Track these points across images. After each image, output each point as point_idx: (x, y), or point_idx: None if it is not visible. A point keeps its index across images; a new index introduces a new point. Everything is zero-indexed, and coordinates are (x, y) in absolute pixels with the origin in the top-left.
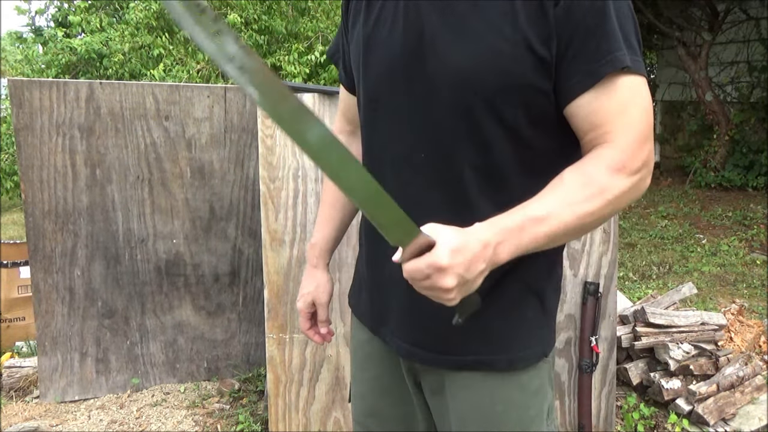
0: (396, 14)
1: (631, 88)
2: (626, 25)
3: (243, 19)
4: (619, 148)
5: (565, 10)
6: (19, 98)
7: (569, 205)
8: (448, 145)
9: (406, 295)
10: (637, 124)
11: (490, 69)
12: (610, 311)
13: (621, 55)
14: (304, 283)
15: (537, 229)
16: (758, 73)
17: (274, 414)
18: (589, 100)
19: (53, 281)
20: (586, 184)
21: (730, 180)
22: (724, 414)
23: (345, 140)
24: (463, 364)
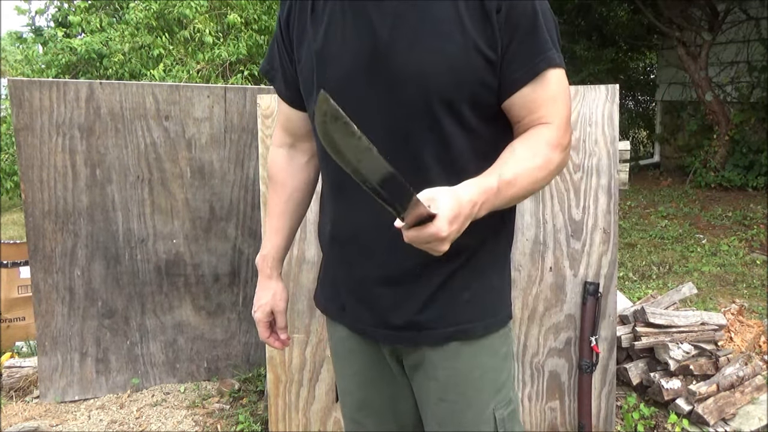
0: (345, 29)
1: (558, 80)
2: (551, 25)
3: (243, 19)
4: (555, 127)
5: (505, 16)
6: (19, 98)
7: (526, 171)
8: (412, 144)
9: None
10: (564, 110)
11: (445, 71)
12: (610, 311)
13: (552, 54)
14: (260, 294)
15: (507, 191)
16: (758, 73)
17: (274, 414)
18: (528, 92)
19: (53, 281)
20: (536, 155)
21: (730, 180)
22: (724, 414)
23: (286, 153)
24: (444, 335)
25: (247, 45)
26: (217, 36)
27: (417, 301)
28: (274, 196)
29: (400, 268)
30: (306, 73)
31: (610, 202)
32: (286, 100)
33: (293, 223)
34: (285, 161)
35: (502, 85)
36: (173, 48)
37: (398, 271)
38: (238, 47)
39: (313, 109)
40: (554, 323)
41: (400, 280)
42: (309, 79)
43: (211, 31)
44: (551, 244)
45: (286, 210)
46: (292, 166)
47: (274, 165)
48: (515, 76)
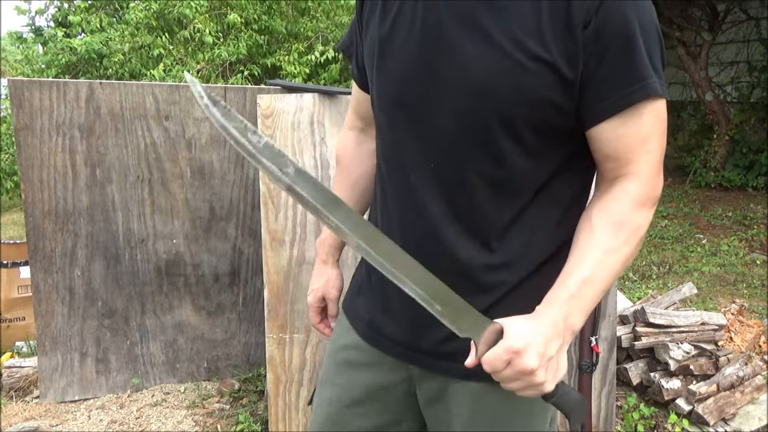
0: (414, 18)
1: (655, 114)
2: (653, 47)
3: (243, 19)
4: (642, 182)
5: (594, 32)
6: (19, 98)
7: (610, 253)
8: (459, 157)
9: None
10: (656, 154)
11: (510, 85)
12: (610, 311)
13: (652, 82)
14: (314, 278)
15: (593, 288)
16: (758, 73)
17: (274, 414)
18: (616, 126)
19: (53, 281)
20: (620, 228)
21: (730, 180)
22: (724, 414)
23: (356, 137)
24: (468, 372)
25: (247, 45)
26: (217, 36)
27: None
28: (339, 181)
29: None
30: (369, 58)
31: None
32: (356, 81)
33: (357, 210)
34: (353, 145)
35: (584, 111)
36: (173, 48)
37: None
38: (238, 47)
39: (373, 97)
40: None
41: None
42: (371, 66)
43: (211, 31)
44: None
45: (351, 196)
46: (360, 151)
47: (341, 147)
48: (602, 105)
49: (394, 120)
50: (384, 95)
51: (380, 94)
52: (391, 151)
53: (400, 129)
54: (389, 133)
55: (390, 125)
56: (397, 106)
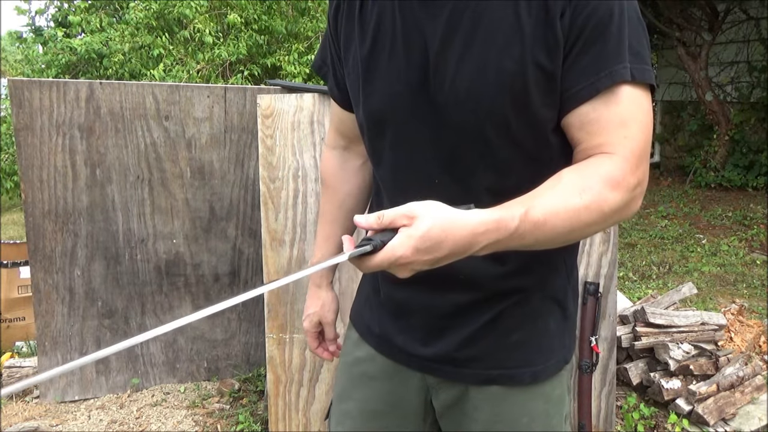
0: (395, 36)
1: (632, 100)
2: (633, 31)
3: (243, 19)
4: (618, 163)
5: (569, 19)
6: (19, 98)
7: (566, 211)
8: (463, 170)
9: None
10: (636, 140)
11: (500, 90)
12: (610, 311)
13: (621, 68)
14: (309, 303)
15: (531, 233)
16: (758, 73)
17: (274, 414)
18: (587, 110)
19: (53, 281)
20: (583, 191)
21: (730, 180)
22: (724, 414)
23: (339, 156)
24: (488, 378)
25: (247, 45)
26: (217, 36)
27: (457, 337)
28: (326, 202)
29: (444, 298)
30: (353, 80)
31: None
32: (337, 101)
33: (345, 230)
34: (337, 165)
35: (560, 100)
36: (173, 48)
37: (441, 301)
38: (238, 47)
39: (361, 118)
40: None
41: (442, 311)
42: (355, 87)
43: (211, 31)
44: None
45: (338, 217)
46: (345, 170)
47: (326, 168)
48: (573, 91)
49: (390, 140)
50: (375, 116)
51: (371, 116)
52: (391, 172)
53: (396, 149)
54: (387, 155)
55: (386, 146)
56: (391, 126)
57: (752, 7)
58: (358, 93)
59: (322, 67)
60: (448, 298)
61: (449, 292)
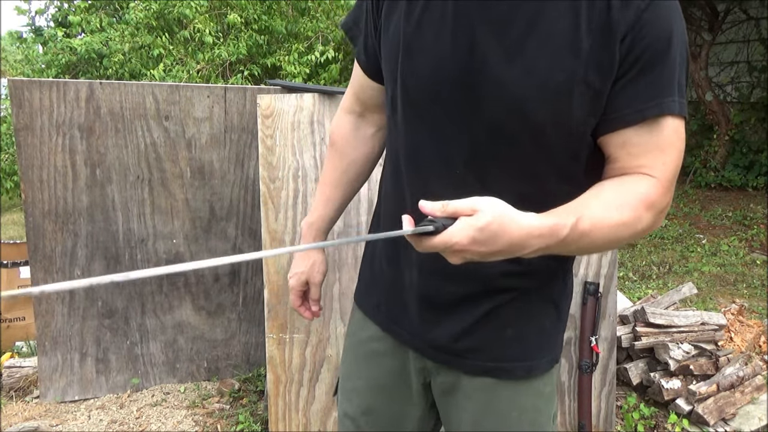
0: (443, 19)
1: (674, 131)
2: (681, 66)
3: (243, 19)
4: (655, 185)
5: (630, 44)
6: (19, 98)
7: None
8: (485, 167)
9: (428, 304)
10: (673, 167)
11: (544, 100)
12: (610, 311)
13: (671, 101)
14: (298, 261)
15: (577, 242)
16: (758, 73)
17: (274, 414)
18: (631, 134)
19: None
20: (624, 208)
21: (730, 180)
22: (724, 414)
23: (353, 121)
24: (483, 369)
25: (247, 45)
26: (217, 36)
27: (456, 326)
28: (331, 164)
29: (446, 287)
30: (391, 54)
31: None
32: (362, 66)
33: (346, 195)
34: (349, 129)
35: (602, 118)
36: (173, 48)
37: (444, 290)
38: (238, 47)
39: (395, 92)
40: None
41: (444, 299)
42: (393, 62)
43: (211, 31)
44: None
45: (341, 181)
46: (356, 136)
47: (337, 130)
48: (619, 114)
49: (420, 121)
50: (411, 95)
51: (407, 93)
52: (414, 152)
53: (426, 131)
54: (411, 133)
55: (414, 125)
56: (424, 108)
57: (752, 7)
58: (396, 66)
59: (352, 28)
60: (451, 287)
61: (453, 282)
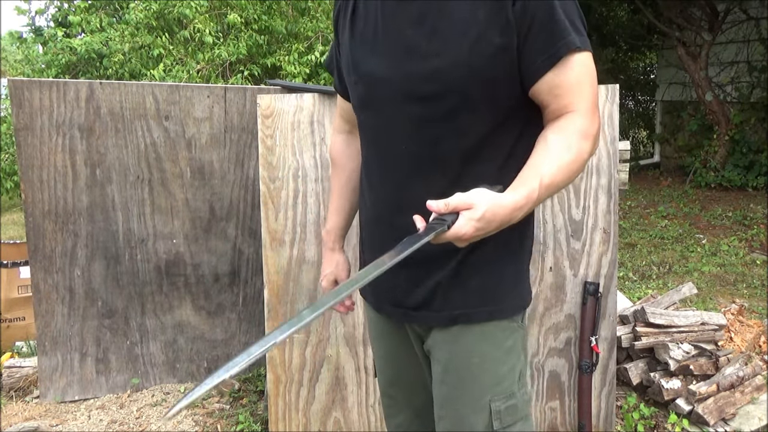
0: (376, 31)
1: (582, 63)
2: (571, 12)
3: (243, 19)
4: (582, 116)
5: (521, 7)
6: (19, 98)
7: (563, 168)
8: (429, 136)
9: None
10: (590, 94)
11: (461, 63)
12: (610, 311)
13: (572, 38)
14: (325, 265)
15: (546, 192)
16: (758, 73)
17: (274, 414)
18: (551, 77)
19: (53, 281)
20: (570, 148)
21: (730, 180)
22: (724, 414)
23: (345, 138)
24: (449, 318)
25: (247, 45)
26: (217, 36)
27: (430, 284)
28: (335, 178)
29: (418, 250)
30: (346, 69)
31: (610, 202)
32: (340, 93)
33: (353, 202)
34: (343, 147)
35: (525, 75)
36: (173, 48)
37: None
38: (238, 47)
39: (354, 99)
40: (554, 323)
41: (417, 263)
42: (347, 74)
43: (211, 31)
44: (551, 244)
45: (346, 191)
46: (350, 150)
47: (334, 149)
48: (537, 64)
49: (371, 118)
50: (360, 97)
51: (358, 97)
52: (373, 146)
53: (376, 124)
54: (369, 131)
55: (369, 124)
56: (373, 105)
57: (752, 7)
58: (350, 77)
59: (330, 64)
60: (421, 249)
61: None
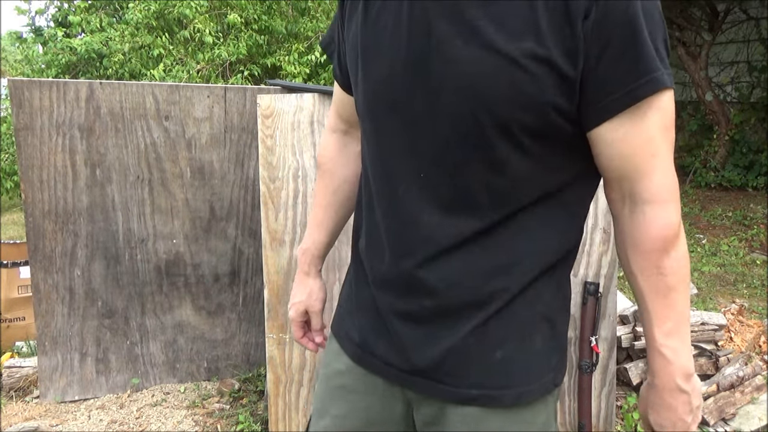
0: (399, 17)
1: (663, 109)
2: (658, 35)
3: (243, 19)
4: (659, 204)
5: (595, 23)
6: (19, 98)
7: (668, 296)
8: (453, 164)
9: (405, 323)
10: (664, 154)
11: (505, 86)
12: (610, 311)
13: (660, 75)
14: (295, 291)
15: (682, 332)
16: (758, 73)
17: (274, 414)
18: (617, 125)
19: (53, 281)
20: (662, 276)
21: (730, 180)
22: (724, 414)
23: (339, 139)
24: (467, 397)
25: (247, 45)
26: (217, 36)
27: (439, 347)
28: (321, 186)
29: (421, 303)
30: (351, 61)
31: None
32: (338, 82)
33: (339, 217)
34: (336, 149)
35: (585, 113)
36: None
37: (419, 306)
38: (238, 47)
39: (358, 99)
40: None
41: (421, 317)
42: (353, 68)
43: (211, 31)
44: None
45: (333, 202)
46: (343, 154)
47: (324, 152)
48: (605, 102)
49: (381, 126)
50: (369, 99)
51: (365, 97)
52: (378, 159)
53: (388, 135)
54: (375, 140)
55: (376, 131)
56: (384, 110)
57: (752, 7)
58: (356, 73)
59: (330, 44)
60: (423, 304)
61: (431, 296)
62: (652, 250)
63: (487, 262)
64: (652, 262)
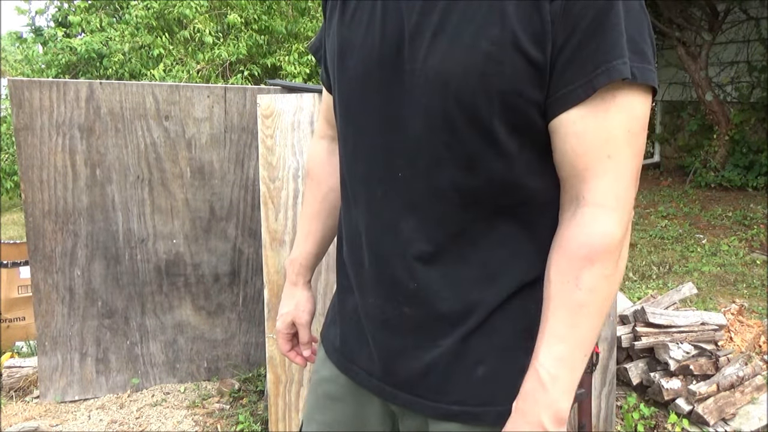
0: (372, 15)
1: (625, 107)
2: (634, 25)
3: (243, 19)
4: (603, 223)
5: (562, 7)
6: (19, 98)
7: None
8: (426, 164)
9: (386, 332)
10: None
11: (471, 72)
12: (610, 311)
13: (619, 63)
14: (283, 302)
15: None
16: (758, 73)
17: (274, 414)
18: (574, 119)
19: (53, 281)
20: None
21: (730, 180)
22: (724, 414)
23: (327, 146)
24: (448, 413)
25: (247, 45)
26: (217, 36)
27: (420, 360)
28: (309, 195)
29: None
30: (330, 59)
31: None
32: (324, 85)
33: (328, 227)
34: (324, 155)
35: (548, 103)
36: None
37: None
38: (238, 47)
39: (335, 98)
40: None
41: (402, 327)
42: (332, 67)
43: (211, 31)
44: None
45: (321, 211)
46: (331, 161)
47: (312, 159)
48: (563, 90)
49: (357, 125)
50: (345, 97)
51: (341, 96)
52: (354, 161)
53: (364, 135)
54: (352, 141)
55: (354, 131)
56: (360, 108)
57: (752, 7)
58: (334, 72)
59: (319, 49)
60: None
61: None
62: (575, 257)
63: (463, 272)
64: (572, 271)
